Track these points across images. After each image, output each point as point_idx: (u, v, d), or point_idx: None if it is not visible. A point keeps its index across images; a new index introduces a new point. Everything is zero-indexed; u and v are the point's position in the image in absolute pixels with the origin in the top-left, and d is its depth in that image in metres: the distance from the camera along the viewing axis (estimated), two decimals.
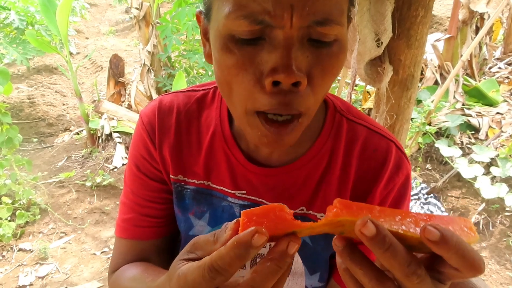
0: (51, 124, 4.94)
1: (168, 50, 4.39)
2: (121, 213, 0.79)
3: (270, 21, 0.48)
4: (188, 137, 0.74)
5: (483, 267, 0.37)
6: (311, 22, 0.49)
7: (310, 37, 0.51)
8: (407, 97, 1.43)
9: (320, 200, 0.71)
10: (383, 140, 0.71)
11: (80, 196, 3.49)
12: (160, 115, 0.74)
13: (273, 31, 0.50)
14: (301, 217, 0.72)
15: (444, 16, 6.62)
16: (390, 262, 0.38)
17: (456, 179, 3.41)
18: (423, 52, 1.38)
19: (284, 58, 0.49)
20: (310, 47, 0.51)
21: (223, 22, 0.51)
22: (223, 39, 0.52)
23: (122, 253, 0.78)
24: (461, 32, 4.24)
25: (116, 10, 10.42)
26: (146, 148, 0.75)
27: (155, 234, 0.77)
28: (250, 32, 0.50)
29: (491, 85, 4.20)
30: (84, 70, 6.82)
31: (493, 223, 3.09)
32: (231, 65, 0.53)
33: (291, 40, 0.50)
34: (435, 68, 4.27)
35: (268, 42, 0.51)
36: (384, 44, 1.30)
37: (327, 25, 0.50)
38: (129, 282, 0.71)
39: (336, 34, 0.52)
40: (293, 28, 0.49)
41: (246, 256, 0.39)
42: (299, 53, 0.50)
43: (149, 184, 0.76)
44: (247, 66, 0.52)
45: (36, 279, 2.62)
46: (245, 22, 0.49)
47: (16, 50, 4.15)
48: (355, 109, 0.76)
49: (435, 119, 3.75)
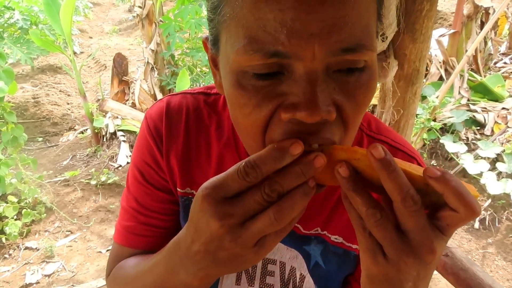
0: (55, 123, 4.97)
1: (172, 48, 4.39)
2: (121, 219, 0.75)
3: (286, 52, 0.42)
4: (197, 146, 0.69)
5: (479, 209, 0.39)
6: (337, 51, 0.43)
7: (337, 68, 0.45)
8: (412, 92, 1.42)
9: (336, 222, 0.68)
10: (405, 158, 0.68)
11: (85, 195, 3.50)
12: (168, 119, 0.69)
13: (292, 65, 0.44)
14: (315, 237, 0.70)
15: (448, 12, 6.58)
16: (392, 185, 0.40)
17: (461, 175, 3.39)
18: (428, 47, 1.37)
19: (307, 93, 0.43)
20: (336, 78, 0.45)
21: (233, 57, 0.46)
22: (235, 75, 0.47)
23: (119, 258, 0.74)
24: (466, 27, 4.21)
25: (119, 9, 10.44)
26: (152, 156, 0.70)
27: (153, 244, 0.73)
28: (265, 67, 0.44)
29: (497, 80, 4.17)
30: (88, 69, 6.84)
31: (499, 219, 3.07)
32: (243, 104, 0.47)
33: (315, 74, 0.43)
34: (440, 64, 4.24)
35: (288, 76, 0.45)
36: (389, 38, 1.29)
37: (356, 52, 0.44)
38: (133, 268, 0.67)
39: (367, 60, 0.46)
40: (316, 60, 0.43)
41: (281, 160, 0.42)
42: (324, 86, 0.44)
43: (154, 194, 0.71)
44: (261, 105, 0.46)
45: (42, 277, 2.64)
46: (257, 57, 0.43)
47: (20, 49, 4.17)
48: (375, 122, 0.72)
49: (440, 115, 3.73)
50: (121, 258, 0.74)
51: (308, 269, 0.71)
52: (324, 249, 0.70)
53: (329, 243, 0.69)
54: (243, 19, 0.44)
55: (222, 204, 0.43)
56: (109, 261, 0.77)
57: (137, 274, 0.65)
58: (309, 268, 0.71)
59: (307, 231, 0.69)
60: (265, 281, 0.73)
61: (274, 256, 0.72)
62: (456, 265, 1.36)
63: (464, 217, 0.40)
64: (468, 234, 3.04)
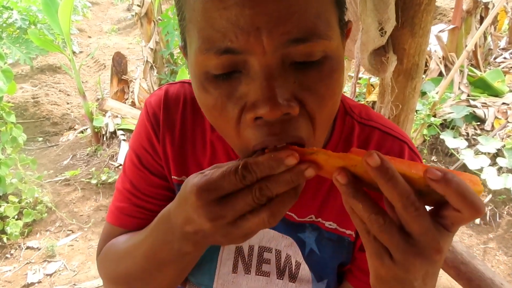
0: (55, 123, 4.97)
1: (170, 47, 4.38)
2: (115, 200, 0.77)
3: (235, 48, 0.43)
4: (192, 135, 0.71)
5: (483, 208, 0.39)
6: (287, 42, 0.43)
7: (293, 60, 0.45)
8: (411, 86, 1.42)
9: (330, 208, 0.69)
10: (396, 142, 0.68)
11: (86, 194, 3.50)
12: (165, 107, 0.71)
13: (247, 61, 0.44)
14: (310, 224, 0.70)
15: (448, 7, 6.57)
16: (391, 193, 0.40)
17: (462, 171, 3.37)
18: (428, 41, 1.37)
19: (264, 89, 0.44)
20: (295, 70, 0.46)
21: (194, 59, 0.48)
22: (198, 78, 0.48)
23: (110, 237, 0.76)
24: (466, 22, 4.20)
25: (118, 8, 10.42)
26: (150, 141, 0.72)
27: (144, 227, 0.73)
28: (221, 65, 0.45)
29: (497, 75, 4.17)
30: (87, 69, 6.84)
31: (500, 214, 3.07)
32: (211, 106, 0.49)
33: (269, 68, 0.44)
34: (440, 59, 4.23)
35: (244, 74, 0.46)
36: (388, 33, 1.28)
37: (308, 42, 0.44)
38: (123, 244, 0.69)
39: (324, 49, 0.45)
40: (267, 54, 0.43)
41: (277, 169, 0.43)
42: (281, 80, 0.44)
43: (150, 179, 0.73)
44: (226, 105, 0.47)
45: (44, 276, 2.64)
46: (210, 55, 0.45)
47: (19, 49, 4.16)
48: (365, 109, 0.72)
49: (440, 110, 3.72)
50: (111, 237, 0.76)
51: (303, 256, 0.72)
52: (318, 236, 0.70)
53: (323, 229, 0.70)
54: (197, 21, 0.46)
55: (215, 205, 0.45)
56: (100, 240, 0.78)
57: (128, 249, 0.66)
58: (304, 255, 0.72)
59: (301, 219, 0.70)
60: (261, 269, 0.73)
61: (269, 244, 0.73)
62: (457, 259, 1.36)
63: (467, 217, 0.40)
64: (469, 229, 3.04)
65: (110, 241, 0.75)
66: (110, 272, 0.74)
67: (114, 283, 0.73)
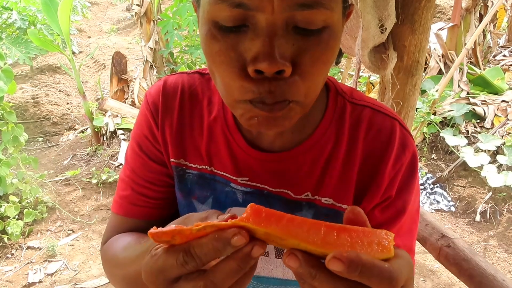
0: (55, 123, 4.97)
1: (170, 46, 4.38)
2: (119, 189, 0.79)
3: (249, 3, 0.47)
4: (190, 120, 0.73)
5: (393, 281, 0.38)
6: (294, 5, 0.47)
7: (295, 25, 0.49)
8: (412, 83, 1.42)
9: (326, 185, 0.69)
10: (387, 119, 0.69)
11: (86, 194, 3.51)
12: (164, 95, 0.74)
13: (255, 17, 0.48)
14: (307, 203, 0.70)
15: (447, 5, 6.57)
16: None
17: (462, 168, 3.40)
18: (428, 38, 1.37)
19: (266, 46, 0.48)
20: (296, 35, 0.49)
21: (207, 8, 0.51)
22: (207, 26, 0.52)
23: (115, 227, 0.78)
24: (465, 20, 4.20)
25: (117, 8, 10.42)
26: (149, 128, 0.74)
27: (149, 215, 0.77)
28: (232, 17, 0.49)
29: (496, 73, 4.17)
30: (87, 69, 6.84)
31: (500, 212, 3.07)
32: (215, 53, 0.52)
33: (274, 27, 0.48)
34: (439, 57, 4.24)
35: (251, 29, 0.49)
36: (388, 30, 1.28)
37: (313, 9, 0.48)
38: (121, 251, 0.70)
39: (325, 19, 0.49)
40: (275, 13, 0.47)
41: (223, 251, 0.41)
42: (283, 40, 0.48)
43: (149, 165, 0.75)
44: (231, 54, 0.51)
45: (45, 276, 2.64)
46: (224, 6, 0.48)
47: (19, 49, 4.17)
48: (357, 92, 0.74)
49: (440, 108, 3.73)
50: (116, 227, 0.78)
51: None
52: (315, 213, 0.70)
53: (320, 206, 0.70)
54: None
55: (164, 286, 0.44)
56: (106, 230, 0.80)
57: (124, 260, 0.68)
58: None
59: (298, 196, 0.70)
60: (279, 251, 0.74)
61: None
62: (458, 256, 1.36)
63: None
64: (469, 227, 3.04)
65: (113, 238, 0.76)
66: (109, 270, 0.75)
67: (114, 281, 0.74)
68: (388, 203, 0.69)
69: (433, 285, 2.52)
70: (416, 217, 0.73)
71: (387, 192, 0.68)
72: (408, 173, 0.68)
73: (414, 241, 0.74)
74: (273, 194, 0.70)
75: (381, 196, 0.68)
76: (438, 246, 1.44)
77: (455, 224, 3.09)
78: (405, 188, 0.68)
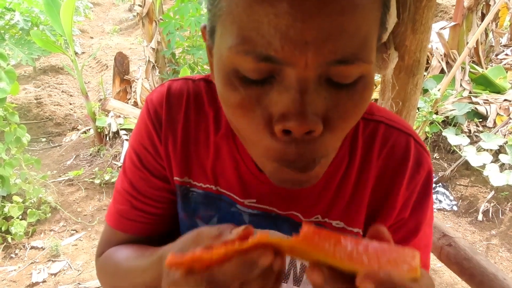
0: (58, 123, 4.99)
1: (172, 46, 4.39)
2: (115, 201, 0.73)
3: (278, 58, 0.41)
4: (196, 135, 0.67)
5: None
6: (331, 61, 0.41)
7: (329, 77, 0.44)
8: (413, 83, 1.42)
9: (337, 207, 0.66)
10: (402, 136, 0.65)
11: (89, 194, 3.52)
12: (168, 105, 0.67)
13: (285, 70, 0.42)
14: (317, 225, 0.67)
15: (449, 4, 6.56)
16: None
17: (464, 168, 3.39)
18: (429, 37, 1.37)
19: (297, 102, 0.42)
20: (328, 87, 0.44)
21: (226, 54, 0.44)
22: (226, 74, 0.46)
23: (110, 241, 0.74)
24: (467, 19, 4.20)
25: (119, 9, 10.44)
26: (151, 140, 0.68)
27: (147, 231, 0.72)
28: (258, 70, 0.43)
29: (498, 72, 4.16)
30: (90, 70, 6.86)
31: (502, 211, 3.07)
32: (236, 105, 0.46)
33: (306, 82, 0.42)
34: (441, 57, 4.23)
35: (279, 81, 0.43)
36: (389, 29, 1.29)
37: (351, 64, 0.42)
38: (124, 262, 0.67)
39: (362, 72, 0.44)
40: (308, 69, 0.41)
41: (250, 274, 0.40)
42: (314, 95, 0.43)
43: (150, 181, 0.69)
44: (254, 108, 0.45)
45: (48, 276, 2.65)
46: (249, 58, 0.42)
47: (21, 50, 4.18)
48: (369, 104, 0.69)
49: (442, 107, 3.72)
50: (112, 242, 0.73)
51: None
52: None
53: (330, 229, 0.67)
54: (238, 17, 0.42)
55: None
56: (100, 242, 0.76)
57: (129, 272, 0.65)
58: None
59: (307, 219, 0.67)
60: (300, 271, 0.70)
61: None
62: (460, 255, 1.36)
63: None
64: (471, 226, 3.04)
65: (112, 250, 0.72)
66: (109, 282, 0.72)
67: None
68: (400, 224, 0.66)
69: (436, 285, 2.52)
70: (429, 233, 0.69)
71: (400, 214, 0.65)
72: (422, 193, 0.65)
73: (429, 257, 0.72)
74: (281, 216, 0.66)
75: (394, 218, 0.65)
76: (440, 245, 1.45)
77: (457, 223, 3.09)
78: (419, 208, 0.65)
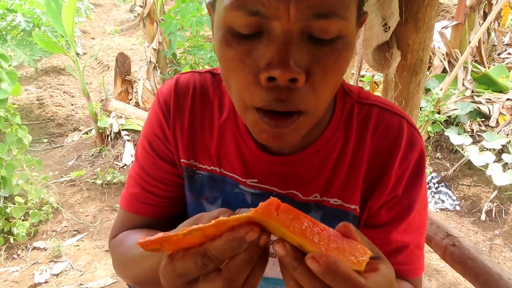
0: (60, 124, 4.99)
1: (173, 47, 4.39)
2: (128, 186, 0.80)
3: (265, 12, 0.47)
4: (201, 121, 0.74)
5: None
6: (310, 15, 0.47)
7: (310, 33, 0.49)
8: (416, 82, 1.42)
9: (334, 186, 0.69)
10: (394, 118, 0.69)
11: (91, 194, 3.52)
12: (176, 94, 0.74)
13: (271, 24, 0.48)
14: (315, 204, 0.71)
15: (451, 4, 6.54)
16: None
17: (467, 167, 3.38)
18: (432, 36, 1.37)
19: (281, 53, 0.48)
20: (310, 43, 0.50)
21: (223, 14, 0.51)
22: (222, 31, 0.52)
23: (123, 223, 0.80)
24: (469, 18, 4.18)
25: (120, 10, 10.45)
26: (161, 127, 0.75)
27: (157, 213, 0.78)
28: (248, 25, 0.49)
29: (501, 71, 4.15)
30: (91, 70, 6.87)
31: (505, 211, 3.05)
32: (229, 58, 0.52)
33: (289, 34, 0.48)
34: (443, 56, 4.22)
35: (266, 36, 0.50)
36: (392, 28, 1.28)
37: (328, 19, 0.48)
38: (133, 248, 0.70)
39: (340, 29, 0.49)
40: (291, 21, 0.47)
41: (239, 249, 0.42)
42: (297, 48, 0.49)
43: (159, 164, 0.76)
44: (244, 60, 0.51)
45: (51, 276, 2.65)
46: (240, 13, 0.48)
47: (23, 51, 4.19)
48: (364, 91, 0.74)
49: (444, 107, 3.71)
50: (125, 224, 0.79)
51: None
52: (324, 214, 0.71)
53: (328, 207, 0.71)
54: None
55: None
56: (114, 225, 0.82)
57: (136, 258, 0.68)
58: None
59: (306, 198, 0.71)
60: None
61: None
62: (464, 254, 1.35)
63: None
64: (474, 226, 3.02)
65: (124, 234, 0.77)
66: (119, 268, 0.76)
67: (124, 277, 0.75)
68: (394, 202, 0.69)
69: (439, 285, 2.51)
70: (424, 215, 0.73)
71: (393, 191, 0.68)
72: (415, 172, 0.68)
73: (423, 238, 0.75)
74: (281, 195, 0.71)
75: (388, 195, 0.68)
76: (443, 245, 1.44)
77: (460, 223, 3.08)
78: (411, 186, 0.68)
